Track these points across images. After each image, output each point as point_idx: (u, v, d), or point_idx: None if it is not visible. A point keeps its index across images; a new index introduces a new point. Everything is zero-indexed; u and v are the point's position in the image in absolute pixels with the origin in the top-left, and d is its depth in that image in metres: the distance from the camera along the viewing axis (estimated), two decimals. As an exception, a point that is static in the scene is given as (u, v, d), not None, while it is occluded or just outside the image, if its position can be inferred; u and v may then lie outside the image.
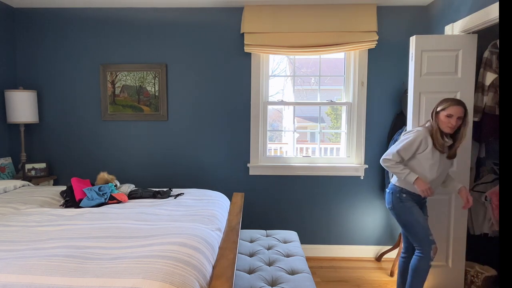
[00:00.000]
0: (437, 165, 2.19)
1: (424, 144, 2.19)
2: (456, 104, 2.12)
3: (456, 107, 2.12)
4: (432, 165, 2.19)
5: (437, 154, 2.18)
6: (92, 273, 1.35)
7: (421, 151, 2.20)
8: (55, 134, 3.31)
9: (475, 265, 2.71)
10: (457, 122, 2.13)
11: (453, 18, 2.65)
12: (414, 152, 2.21)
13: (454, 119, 2.12)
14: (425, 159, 2.20)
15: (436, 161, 2.18)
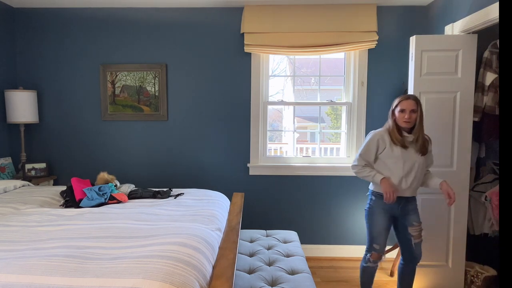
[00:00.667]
0: (401, 161, 2.19)
1: (382, 143, 2.22)
2: (406, 98, 2.17)
3: (407, 101, 2.15)
4: (395, 162, 2.19)
5: (398, 150, 2.19)
6: (92, 273, 1.35)
7: (381, 151, 2.23)
8: (55, 134, 3.31)
9: (475, 265, 2.71)
10: (411, 115, 2.14)
11: (453, 18, 2.65)
12: (375, 153, 2.25)
13: (407, 113, 2.14)
14: (387, 157, 2.22)
15: (398, 157, 2.18)
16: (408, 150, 2.19)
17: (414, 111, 2.14)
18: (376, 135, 2.25)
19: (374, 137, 2.24)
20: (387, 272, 3.08)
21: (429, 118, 2.56)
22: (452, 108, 2.54)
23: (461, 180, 2.58)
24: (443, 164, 2.58)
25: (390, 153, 2.21)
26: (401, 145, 2.18)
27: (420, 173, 2.23)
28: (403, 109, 2.15)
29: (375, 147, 2.24)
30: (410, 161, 2.19)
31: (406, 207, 2.27)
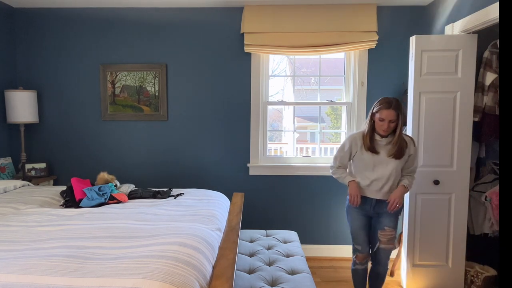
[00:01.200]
0: (371, 166, 2.20)
1: (354, 147, 2.23)
2: (387, 107, 2.09)
3: (387, 111, 2.08)
4: (365, 166, 2.21)
5: (368, 154, 2.19)
6: (92, 273, 1.35)
7: (354, 154, 2.25)
8: (55, 134, 3.31)
9: (475, 265, 2.71)
10: (390, 126, 2.11)
11: (453, 18, 2.65)
12: (349, 155, 2.27)
13: (386, 123, 2.10)
14: (358, 160, 2.24)
15: (368, 161, 2.19)
16: (380, 155, 2.18)
17: (393, 122, 2.10)
18: (349, 139, 2.26)
19: (347, 141, 2.26)
20: (387, 272, 3.07)
21: (429, 118, 2.56)
22: (452, 108, 2.54)
23: (461, 180, 2.58)
24: (443, 164, 2.58)
25: (361, 156, 2.22)
26: (370, 151, 2.17)
27: (394, 178, 2.21)
28: (382, 118, 2.11)
29: (349, 151, 2.26)
30: (382, 166, 2.18)
31: (379, 209, 2.26)
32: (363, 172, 2.23)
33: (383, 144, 2.17)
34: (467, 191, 2.60)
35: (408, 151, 2.19)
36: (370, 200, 2.26)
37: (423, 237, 2.63)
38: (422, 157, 2.59)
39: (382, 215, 2.26)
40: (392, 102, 2.09)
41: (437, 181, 2.58)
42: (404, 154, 2.16)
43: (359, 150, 2.21)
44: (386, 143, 2.17)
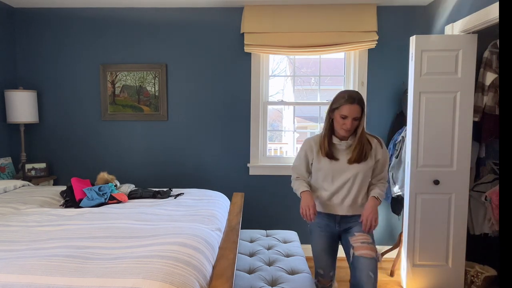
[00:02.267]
0: (330, 175, 1.88)
1: (310, 153, 1.93)
2: (350, 102, 1.75)
3: (350, 106, 1.74)
4: (324, 176, 1.89)
5: (325, 161, 1.87)
6: (92, 273, 1.35)
7: (311, 161, 1.94)
8: (55, 134, 3.31)
9: (475, 265, 2.71)
10: (353, 124, 1.78)
11: (453, 18, 2.65)
12: (306, 164, 1.97)
13: (349, 121, 1.76)
14: (315, 170, 1.93)
15: (326, 169, 1.88)
16: (340, 162, 1.86)
17: (356, 119, 1.78)
18: (305, 144, 1.96)
19: (303, 147, 1.96)
20: (387, 272, 3.07)
21: (429, 118, 2.56)
22: (452, 108, 2.54)
23: (461, 180, 2.58)
24: (443, 164, 2.58)
25: (317, 165, 1.91)
26: (328, 157, 1.86)
27: (358, 189, 1.88)
28: (344, 115, 1.77)
29: (304, 159, 1.96)
30: (342, 174, 1.86)
31: (345, 225, 1.94)
32: (322, 183, 1.92)
33: (343, 148, 1.86)
34: (467, 191, 2.60)
35: (374, 154, 1.87)
36: (333, 217, 1.94)
37: (423, 237, 2.63)
38: (422, 157, 2.59)
39: (350, 227, 1.93)
40: (356, 96, 1.77)
41: (437, 181, 2.58)
42: (367, 158, 1.84)
43: (315, 157, 1.90)
44: (346, 147, 1.86)
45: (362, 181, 1.88)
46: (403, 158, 2.84)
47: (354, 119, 1.77)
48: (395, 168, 2.95)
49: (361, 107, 1.77)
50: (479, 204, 2.70)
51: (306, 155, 1.95)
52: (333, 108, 1.82)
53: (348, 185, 1.88)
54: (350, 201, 1.89)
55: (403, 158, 2.84)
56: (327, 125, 1.88)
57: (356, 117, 1.76)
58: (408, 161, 2.62)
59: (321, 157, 1.89)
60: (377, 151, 1.89)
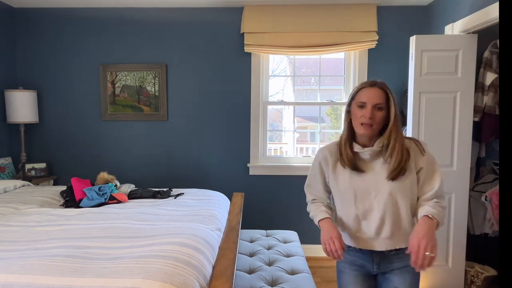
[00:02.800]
0: (351, 194, 1.39)
1: (325, 166, 1.47)
2: (369, 85, 1.36)
3: (369, 90, 1.34)
4: (343, 194, 1.42)
5: (345, 175, 1.41)
6: (92, 273, 1.35)
7: (328, 179, 1.49)
8: (55, 134, 3.31)
9: (475, 265, 2.71)
10: (375, 114, 1.31)
11: (453, 18, 2.65)
12: (322, 181, 1.52)
13: (369, 109, 1.31)
14: (333, 187, 1.47)
15: (345, 187, 1.40)
16: (365, 176, 1.39)
17: (380, 108, 1.32)
18: (318, 155, 1.51)
19: (316, 160, 1.52)
20: (387, 272, 3.08)
21: (429, 118, 2.55)
22: (452, 108, 2.54)
23: (461, 180, 2.58)
24: (443, 164, 2.58)
25: (334, 182, 1.45)
26: (351, 167, 1.39)
27: (398, 214, 1.36)
28: (362, 103, 1.33)
29: (320, 174, 1.51)
30: (369, 195, 1.37)
31: (386, 266, 1.43)
32: (345, 208, 1.43)
33: (367, 157, 1.38)
34: (467, 191, 2.60)
35: (414, 163, 1.36)
36: (370, 254, 1.43)
37: None
38: (422, 157, 2.58)
39: (391, 272, 1.42)
40: (378, 81, 1.39)
41: (437, 181, 2.57)
42: (405, 171, 1.33)
43: (331, 171, 1.45)
44: (372, 156, 1.38)
45: (402, 203, 1.35)
46: (403, 158, 2.84)
47: (376, 108, 1.31)
48: (395, 168, 2.94)
49: (386, 93, 1.33)
50: (479, 204, 2.70)
51: (321, 168, 1.49)
52: (350, 102, 1.40)
53: (381, 210, 1.36)
54: (388, 231, 1.37)
55: (403, 158, 2.84)
56: (346, 130, 1.43)
57: (379, 104, 1.31)
58: (408, 161, 2.62)
59: (339, 171, 1.42)
60: (418, 158, 1.36)
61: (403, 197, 1.35)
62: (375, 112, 1.31)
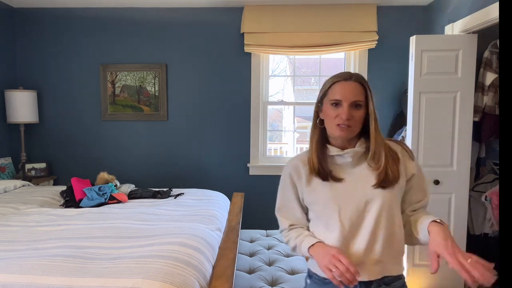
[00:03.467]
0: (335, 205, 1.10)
1: (298, 180, 1.18)
2: (344, 78, 1.10)
3: (344, 84, 1.09)
4: (325, 209, 1.12)
5: (321, 186, 1.13)
6: (92, 273, 1.35)
7: (302, 195, 1.18)
8: (55, 134, 3.31)
9: (475, 265, 2.71)
10: (354, 114, 1.08)
11: (453, 18, 2.65)
12: (297, 199, 1.20)
13: (345, 109, 1.07)
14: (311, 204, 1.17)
15: (328, 198, 1.11)
16: (347, 183, 1.12)
17: (359, 105, 1.10)
18: (287, 168, 1.22)
19: (285, 172, 1.22)
20: (387, 272, 3.08)
21: (429, 118, 2.55)
22: (452, 108, 2.54)
23: (461, 180, 2.58)
24: (443, 164, 2.58)
25: (310, 197, 1.15)
26: (320, 176, 1.13)
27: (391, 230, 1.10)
28: (337, 101, 1.08)
29: (292, 191, 1.20)
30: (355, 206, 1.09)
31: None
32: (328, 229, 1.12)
33: (349, 160, 1.13)
34: (467, 191, 2.60)
35: (404, 168, 1.13)
36: None
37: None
38: (422, 157, 2.59)
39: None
40: (353, 73, 1.13)
41: (437, 181, 2.58)
42: (399, 177, 1.10)
43: (305, 185, 1.16)
44: (355, 158, 1.13)
45: (396, 216, 1.12)
46: (403, 158, 2.84)
47: (353, 106, 1.08)
48: (395, 168, 2.94)
49: (363, 87, 1.12)
50: (479, 204, 2.70)
51: (293, 183, 1.19)
52: (320, 99, 1.15)
53: (372, 224, 1.09)
54: (380, 251, 1.09)
55: (403, 158, 2.84)
56: (317, 132, 1.16)
57: (357, 101, 1.09)
58: (408, 161, 2.62)
59: (317, 183, 1.14)
60: (408, 164, 1.14)
61: (398, 208, 1.13)
62: (353, 111, 1.08)
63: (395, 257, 1.13)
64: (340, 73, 1.13)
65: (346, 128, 1.07)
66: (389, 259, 1.11)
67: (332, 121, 1.09)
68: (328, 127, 1.12)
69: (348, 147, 1.13)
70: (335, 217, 1.10)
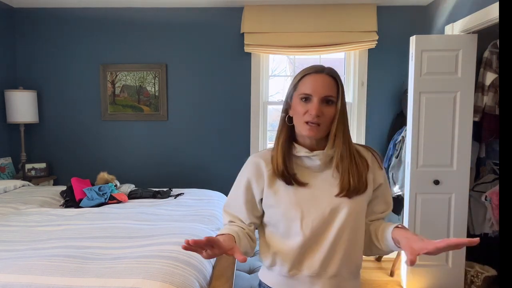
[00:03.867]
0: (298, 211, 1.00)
1: (258, 180, 1.08)
2: (315, 71, 1.01)
3: (316, 77, 1.00)
4: (286, 214, 1.02)
5: (284, 189, 1.03)
6: (92, 273, 1.35)
7: (260, 196, 1.08)
8: (55, 134, 3.31)
9: (475, 265, 2.71)
10: (324, 110, 0.98)
11: (453, 18, 2.65)
12: (250, 199, 1.10)
13: (315, 104, 0.97)
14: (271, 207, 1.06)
15: (291, 202, 1.01)
16: (316, 187, 1.03)
17: (330, 101, 0.99)
18: (247, 165, 1.14)
19: (245, 170, 1.15)
20: (387, 272, 3.07)
21: (429, 118, 2.55)
22: (452, 108, 2.54)
23: (461, 180, 2.58)
24: (443, 164, 2.58)
25: (273, 198, 1.05)
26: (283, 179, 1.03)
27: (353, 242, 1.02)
28: (306, 95, 0.99)
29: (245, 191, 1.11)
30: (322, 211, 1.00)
31: None
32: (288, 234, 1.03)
33: (317, 163, 1.03)
34: (467, 191, 2.60)
35: (373, 176, 1.06)
36: None
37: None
38: (422, 157, 2.58)
39: None
40: (325, 67, 1.04)
41: (437, 181, 2.58)
42: (367, 186, 1.03)
43: (268, 185, 1.05)
44: (324, 162, 1.03)
45: (360, 227, 1.04)
46: (403, 158, 2.84)
47: (324, 101, 0.99)
48: (395, 168, 2.95)
49: (336, 82, 1.01)
50: (479, 204, 2.70)
51: (249, 184, 1.10)
52: (290, 94, 1.06)
53: (333, 236, 1.00)
54: (337, 265, 1.01)
55: (403, 158, 2.84)
56: (282, 127, 1.07)
57: (329, 96, 0.98)
58: (408, 161, 2.62)
59: (280, 185, 1.04)
60: (376, 172, 1.07)
61: (363, 219, 1.04)
62: (323, 108, 0.98)
63: (352, 272, 1.05)
64: (312, 65, 1.05)
65: (315, 127, 0.98)
66: (346, 274, 1.03)
67: (301, 118, 1.00)
68: (296, 125, 1.03)
69: (317, 148, 1.04)
70: (296, 224, 1.00)
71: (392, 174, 2.98)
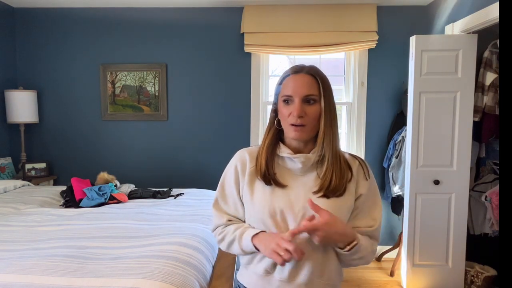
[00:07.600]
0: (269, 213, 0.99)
1: (241, 174, 1.09)
2: (294, 71, 1.02)
3: (296, 78, 1.00)
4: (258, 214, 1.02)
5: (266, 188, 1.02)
6: (92, 273, 1.35)
7: (242, 191, 1.09)
8: (55, 134, 3.31)
9: (475, 265, 2.71)
10: (307, 110, 0.98)
11: (453, 18, 2.65)
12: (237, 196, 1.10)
13: (297, 105, 0.97)
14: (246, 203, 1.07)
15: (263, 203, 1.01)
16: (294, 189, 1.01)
17: (313, 100, 0.99)
18: (235, 159, 1.16)
19: (232, 163, 1.16)
20: (387, 272, 3.08)
21: (429, 118, 2.55)
22: (452, 108, 2.54)
23: (461, 180, 2.58)
24: (443, 164, 2.58)
25: (248, 196, 1.05)
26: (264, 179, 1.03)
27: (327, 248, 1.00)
28: (288, 97, 1.00)
29: (235, 183, 1.11)
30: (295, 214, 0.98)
31: None
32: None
33: (298, 166, 1.02)
34: (467, 191, 2.60)
35: (355, 186, 1.03)
36: None
37: (423, 237, 2.63)
38: (422, 157, 2.59)
39: None
40: (306, 66, 1.03)
41: (437, 181, 2.58)
42: (345, 190, 1.00)
43: (248, 181, 1.06)
44: (306, 165, 1.02)
45: None
46: (403, 158, 2.84)
47: (305, 101, 0.98)
48: (395, 168, 2.95)
49: (316, 79, 0.99)
50: (479, 204, 2.70)
51: (237, 177, 1.10)
52: (276, 97, 1.07)
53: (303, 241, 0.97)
54: (309, 273, 0.98)
55: (403, 158, 2.84)
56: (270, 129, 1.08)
57: (310, 95, 0.98)
58: (408, 161, 2.62)
59: (258, 184, 1.04)
60: (360, 182, 1.04)
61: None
62: (305, 108, 0.97)
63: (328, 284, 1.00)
64: (292, 66, 1.05)
65: (300, 128, 0.98)
66: (321, 284, 0.99)
67: (286, 121, 1.00)
68: (283, 127, 1.03)
69: (304, 151, 1.03)
70: (269, 225, 0.99)
71: (392, 174, 2.98)
